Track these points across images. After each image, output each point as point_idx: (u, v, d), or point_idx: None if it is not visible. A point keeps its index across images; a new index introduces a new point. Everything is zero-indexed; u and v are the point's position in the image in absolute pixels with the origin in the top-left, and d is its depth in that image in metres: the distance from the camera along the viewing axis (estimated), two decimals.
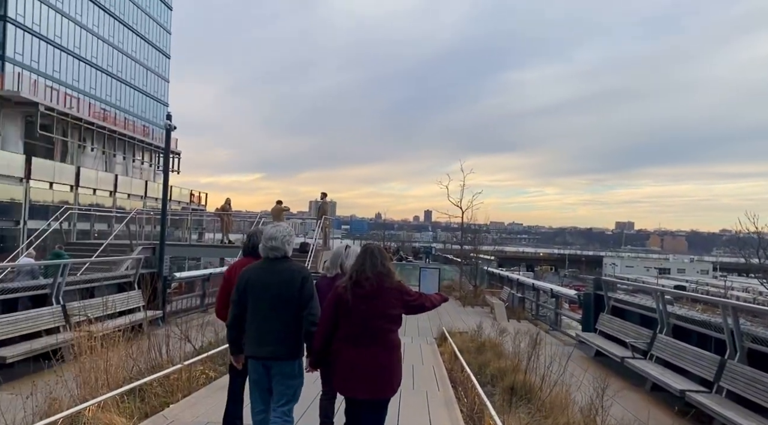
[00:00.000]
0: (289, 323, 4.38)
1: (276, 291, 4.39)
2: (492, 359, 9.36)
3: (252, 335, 4.43)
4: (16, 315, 8.16)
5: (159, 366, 7.10)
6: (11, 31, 48.72)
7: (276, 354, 4.37)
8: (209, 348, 9.04)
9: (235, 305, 4.49)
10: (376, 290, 4.28)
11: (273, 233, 4.52)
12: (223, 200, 23.48)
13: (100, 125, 55.51)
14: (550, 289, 16.26)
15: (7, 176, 42.39)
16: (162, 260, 12.97)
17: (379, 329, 4.26)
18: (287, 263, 4.53)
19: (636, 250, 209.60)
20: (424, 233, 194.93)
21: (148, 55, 70.74)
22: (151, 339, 7.15)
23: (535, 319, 17.43)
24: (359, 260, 4.45)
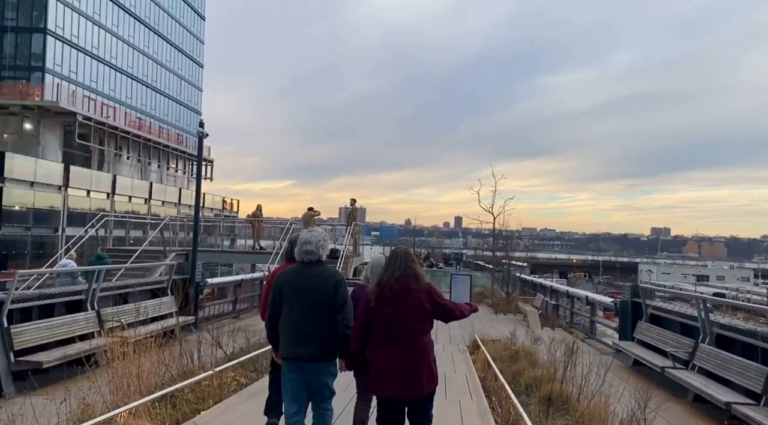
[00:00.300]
0: (323, 325, 4.48)
1: (310, 294, 4.51)
2: (526, 367, 9.13)
3: (287, 336, 4.54)
4: (53, 321, 8.28)
5: (190, 372, 7.09)
6: (51, 43, 50.15)
7: (311, 356, 4.49)
8: (240, 354, 9.02)
9: (270, 306, 4.64)
10: (401, 293, 4.34)
11: (308, 237, 4.66)
12: (254, 207, 23.63)
13: (135, 133, 56.71)
14: (585, 296, 15.88)
15: (47, 185, 43.53)
16: (194, 266, 13.07)
17: (407, 330, 4.31)
18: (321, 268, 4.65)
19: (672, 256, 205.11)
20: (454, 239, 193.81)
21: (181, 64, 72.10)
22: (182, 344, 7.15)
23: (569, 327, 17.06)
24: (386, 264, 4.55)
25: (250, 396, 6.94)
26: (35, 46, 50.46)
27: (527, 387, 8.35)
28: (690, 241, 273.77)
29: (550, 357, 9.65)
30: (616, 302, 13.55)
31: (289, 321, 4.53)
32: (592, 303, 15.29)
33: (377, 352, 4.36)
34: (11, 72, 49.71)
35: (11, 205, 40.86)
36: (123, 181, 51.99)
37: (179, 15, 70.68)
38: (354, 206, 22.55)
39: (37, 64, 50.07)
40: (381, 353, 4.33)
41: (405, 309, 4.32)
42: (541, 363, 9.74)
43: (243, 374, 8.13)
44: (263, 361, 9.10)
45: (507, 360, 10.61)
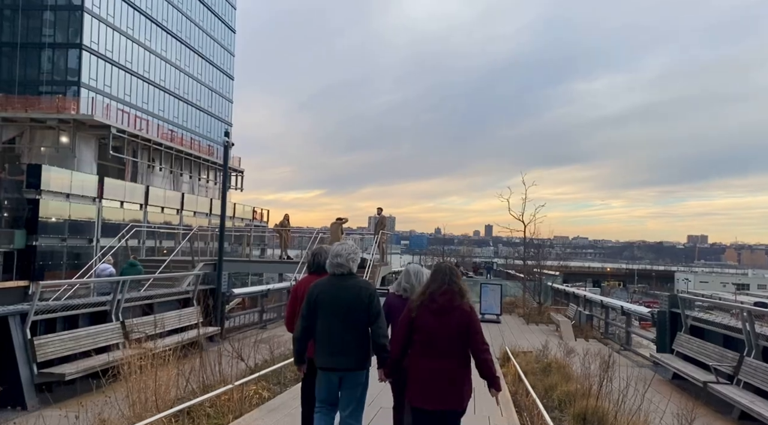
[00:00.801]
0: (357, 336, 4.62)
1: (345, 306, 4.61)
2: (559, 382, 8.75)
3: (323, 347, 4.65)
4: (77, 332, 8.22)
5: (211, 385, 6.93)
6: (86, 58, 51.38)
7: (347, 366, 4.62)
8: (264, 367, 8.85)
9: (304, 318, 4.70)
10: (445, 306, 4.41)
11: (338, 250, 4.77)
12: (282, 217, 23.60)
13: (167, 145, 57.63)
14: (620, 306, 15.32)
15: (82, 196, 44.46)
16: (220, 276, 13.00)
17: (449, 344, 4.38)
18: (354, 280, 4.75)
19: (710, 265, 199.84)
20: (484, 248, 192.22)
21: (212, 77, 73.19)
22: (203, 357, 6.99)
23: (604, 338, 16.51)
24: (433, 277, 4.60)
25: (271, 411, 6.74)
26: (71, 62, 51.76)
27: (560, 402, 7.98)
28: (729, 249, 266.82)
29: (584, 370, 9.26)
30: (653, 312, 13.02)
31: (323, 332, 4.63)
32: (628, 313, 14.74)
33: (418, 363, 4.42)
34: (48, 87, 51.04)
35: (48, 216, 41.82)
36: (155, 192, 52.81)
37: (210, 28, 71.85)
38: (381, 215, 22.33)
39: (73, 79, 51.33)
40: (422, 364, 4.39)
41: (447, 323, 4.38)
42: (575, 376, 9.35)
43: (266, 387, 7.95)
44: (287, 374, 8.92)
45: (539, 373, 10.24)
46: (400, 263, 63.73)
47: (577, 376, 9.16)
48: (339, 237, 20.46)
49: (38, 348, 7.48)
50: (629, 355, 13.79)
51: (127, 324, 9.38)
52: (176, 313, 11.07)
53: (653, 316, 12.78)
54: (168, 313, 10.78)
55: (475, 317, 4.51)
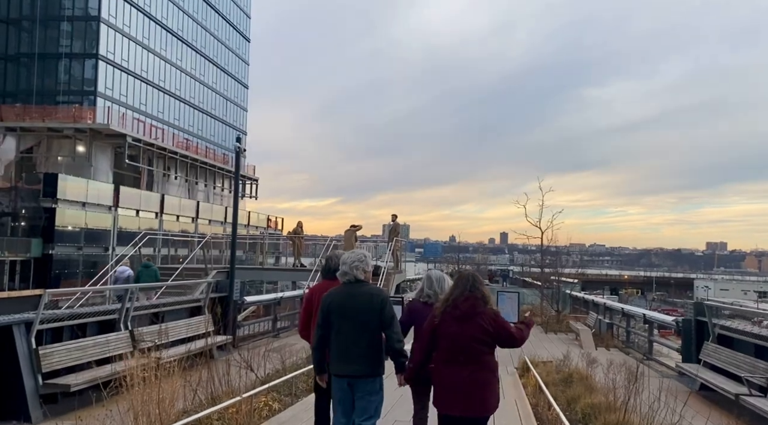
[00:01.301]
0: (370, 343, 4.66)
1: (357, 313, 4.67)
2: (582, 393, 8.36)
3: (337, 354, 4.71)
4: (83, 341, 8.01)
5: (219, 397, 6.67)
6: (102, 67, 51.82)
7: (360, 372, 4.66)
8: (275, 377, 8.58)
9: (319, 327, 4.77)
10: (468, 313, 4.44)
11: (344, 258, 4.88)
12: (295, 224, 23.40)
13: (183, 154, 57.88)
14: (642, 315, 14.85)
15: (98, 205, 44.70)
16: (232, 284, 12.77)
17: (474, 350, 4.40)
18: (365, 287, 4.80)
19: (730, 272, 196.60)
20: (500, 255, 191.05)
21: (227, 85, 73.55)
22: (212, 367, 6.74)
23: (625, 347, 16.04)
24: (456, 284, 4.63)
25: (281, 424, 6.47)
26: (88, 71, 52.25)
27: (584, 416, 7.60)
28: (748, 256, 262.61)
29: (607, 381, 8.89)
30: (678, 320, 12.57)
31: (337, 340, 4.69)
32: (651, 322, 14.27)
33: (443, 370, 4.44)
34: (65, 97, 51.54)
35: (64, 225, 42.08)
36: (171, 200, 52.98)
37: (225, 37, 72.27)
38: (395, 222, 22.05)
39: (89, 89, 51.78)
40: (447, 371, 4.41)
41: (471, 329, 4.40)
42: (598, 387, 8.96)
43: (277, 398, 7.67)
44: (300, 384, 8.65)
45: (560, 384, 9.86)
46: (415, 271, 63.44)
47: (600, 387, 8.77)
48: (353, 244, 20.21)
49: (43, 357, 7.28)
50: (652, 365, 13.32)
51: (136, 333, 9.17)
52: (186, 322, 10.84)
53: (678, 324, 12.33)
54: (178, 322, 10.56)
55: (500, 318, 4.55)
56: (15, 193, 41.91)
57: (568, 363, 11.18)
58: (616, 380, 7.54)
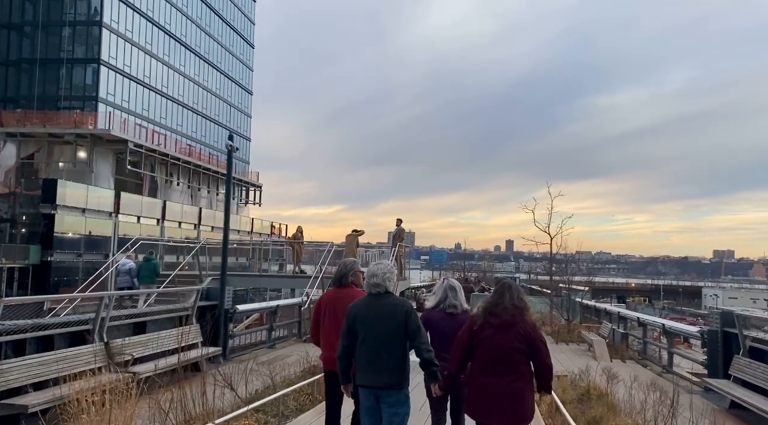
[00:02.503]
0: (397, 354, 4.64)
1: (382, 325, 4.67)
2: (604, 415, 7.49)
3: (363, 366, 4.70)
4: (48, 356, 7.20)
5: (194, 420, 5.85)
6: (104, 73, 51.36)
7: (387, 383, 4.64)
8: (264, 394, 7.76)
9: (344, 337, 4.76)
10: (508, 322, 4.41)
11: (374, 270, 4.85)
12: (295, 229, 22.61)
13: (185, 160, 57.27)
14: (662, 325, 13.93)
15: (98, 211, 44.04)
16: (223, 291, 11.96)
17: (513, 359, 4.37)
18: (390, 298, 4.80)
19: (737, 280, 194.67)
20: (506, 263, 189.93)
21: (231, 91, 73.08)
22: (190, 384, 5.92)
23: (642, 359, 15.11)
24: (496, 292, 4.63)
25: None
26: (89, 77, 51.78)
27: None
28: (756, 264, 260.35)
29: (631, 399, 8.03)
30: (702, 332, 11.67)
31: (363, 351, 4.68)
32: (671, 333, 13.35)
33: (481, 379, 4.41)
34: (66, 102, 51.07)
35: (64, 232, 41.39)
36: (172, 207, 52.29)
37: (229, 44, 71.87)
38: (399, 227, 21.20)
39: (90, 94, 51.30)
40: (486, 380, 4.38)
41: (511, 338, 4.37)
42: (621, 407, 8.09)
43: (263, 420, 6.85)
44: (290, 403, 7.82)
45: (577, 402, 9.01)
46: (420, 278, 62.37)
47: (624, 407, 7.91)
48: (354, 250, 19.43)
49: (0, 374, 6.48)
50: (674, 379, 12.39)
51: (113, 345, 8.36)
52: (171, 332, 10.03)
53: (703, 336, 11.43)
54: (162, 332, 9.75)
55: (538, 331, 4.51)
56: (14, 199, 41.33)
57: (584, 378, 10.32)
58: (645, 401, 6.67)
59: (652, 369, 13.64)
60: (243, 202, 70.81)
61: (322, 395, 8.39)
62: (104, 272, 17.44)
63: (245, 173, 71.34)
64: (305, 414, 7.41)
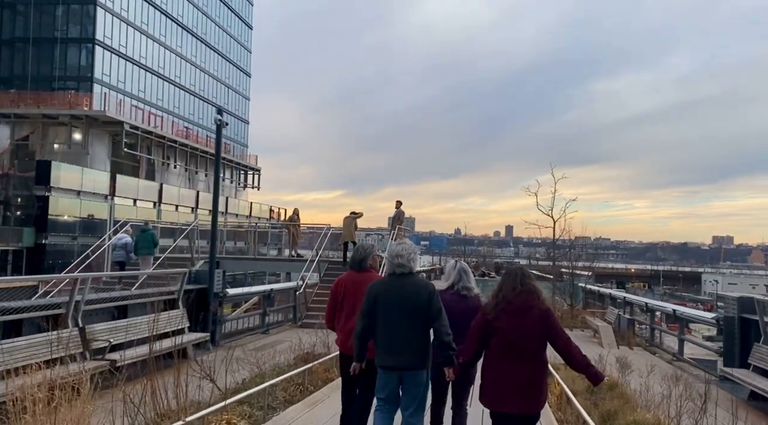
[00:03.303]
0: (419, 335, 4.62)
1: (405, 305, 4.62)
2: (620, 408, 6.90)
3: (384, 346, 4.66)
4: (14, 342, 6.59)
5: (166, 415, 5.24)
6: (99, 53, 50.37)
7: (409, 365, 4.63)
8: (250, 384, 7.16)
9: (364, 316, 4.73)
10: (522, 308, 4.36)
11: (399, 250, 4.79)
12: (291, 211, 21.97)
13: (182, 142, 56.45)
14: (672, 310, 13.34)
15: (93, 194, 43.40)
16: (212, 274, 11.35)
17: (527, 346, 4.30)
18: (413, 279, 4.76)
19: (736, 266, 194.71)
20: (505, 248, 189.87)
21: (229, 73, 72.02)
22: (154, 380, 5.31)
23: (649, 346, 14.55)
24: (505, 279, 4.54)
25: None
26: (84, 57, 50.82)
27: None
28: (755, 250, 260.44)
29: (645, 389, 7.45)
30: (718, 318, 11.08)
31: (384, 331, 4.64)
32: (682, 319, 12.77)
33: (496, 366, 4.37)
34: (61, 82, 50.16)
35: (58, 214, 40.77)
36: (170, 190, 51.60)
37: (226, 24, 70.69)
38: (399, 210, 20.54)
39: (85, 75, 50.36)
40: (500, 367, 4.34)
41: (526, 325, 4.31)
42: (635, 399, 7.51)
43: (247, 413, 6.26)
44: (279, 393, 7.23)
45: (586, 393, 8.43)
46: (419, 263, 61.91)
47: (639, 399, 7.32)
48: (352, 233, 18.81)
49: None
50: (685, 367, 11.85)
51: (89, 330, 7.76)
52: (162, 316, 9.41)
53: (718, 322, 10.85)
54: (145, 317, 9.14)
55: (553, 316, 4.43)
56: (7, 180, 40.64)
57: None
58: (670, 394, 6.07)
59: (662, 357, 13.10)
60: (241, 186, 70.10)
61: (313, 385, 7.83)
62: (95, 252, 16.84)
63: (244, 157, 70.56)
64: (294, 406, 6.83)
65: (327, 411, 6.71)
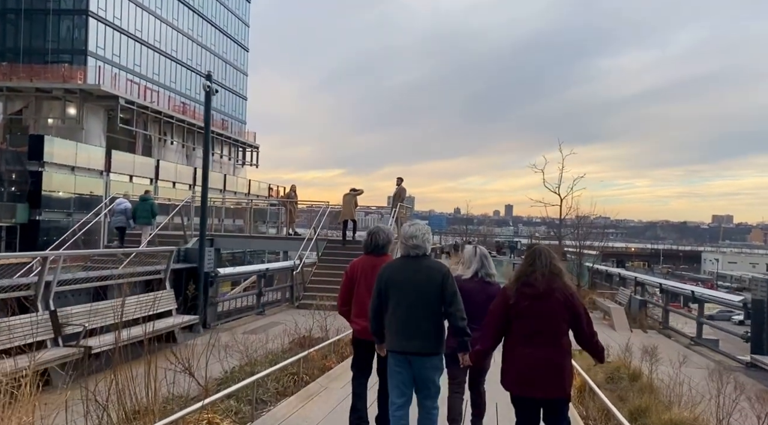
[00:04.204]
0: (432, 318, 4.47)
1: (418, 288, 4.46)
2: (651, 404, 6.19)
3: (396, 330, 4.51)
4: None
5: (138, 415, 4.54)
6: (93, 25, 49.11)
7: (423, 349, 4.46)
8: (232, 379, 6.45)
9: (375, 298, 4.59)
10: (546, 290, 4.14)
11: (412, 231, 4.61)
12: (288, 188, 21.16)
13: (179, 118, 55.43)
14: (691, 292, 12.59)
15: (88, 169, 42.56)
16: (203, 252, 10.60)
17: (551, 329, 4.12)
18: (427, 261, 4.59)
19: (736, 245, 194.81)
20: (504, 227, 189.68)
21: (226, 48, 70.61)
22: (128, 372, 4.61)
23: (663, 329, 13.87)
24: (528, 260, 4.33)
25: None
26: (78, 29, 49.54)
27: None
28: (755, 229, 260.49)
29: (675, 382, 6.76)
30: (746, 301, 10.37)
31: (396, 314, 4.49)
32: (701, 301, 12.04)
33: (518, 351, 4.19)
34: (54, 56, 48.98)
35: (52, 190, 39.99)
36: (166, 166, 50.73)
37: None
38: (400, 186, 19.69)
39: (79, 48, 49.15)
40: (523, 351, 4.15)
41: (549, 307, 4.13)
42: (664, 392, 6.82)
43: (233, 409, 5.55)
44: (270, 385, 6.52)
45: (605, 383, 7.78)
46: None
47: (671, 394, 6.62)
48: (352, 210, 18.05)
49: None
50: (705, 352, 11.18)
51: (61, 314, 7.03)
52: (139, 298, 8.71)
53: (746, 306, 10.14)
54: (132, 298, 8.41)
55: (578, 298, 4.26)
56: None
57: (612, 354, 9.06)
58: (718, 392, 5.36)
59: (678, 340, 12.42)
60: (240, 163, 69.16)
61: (309, 375, 7.13)
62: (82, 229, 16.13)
63: (242, 133, 69.51)
64: (287, 400, 6.12)
65: (323, 406, 6.03)
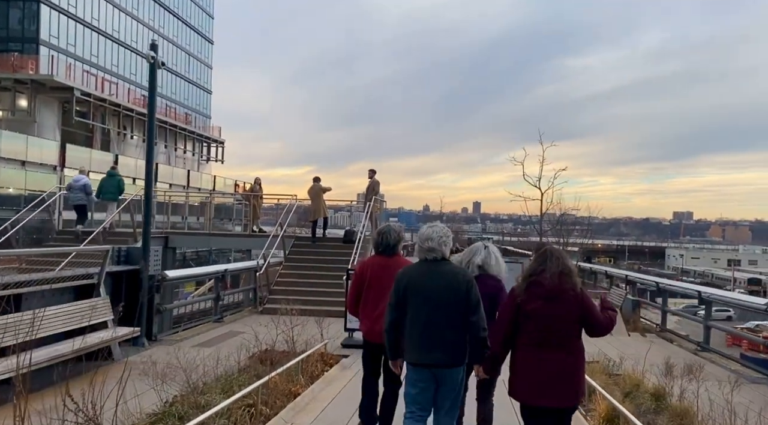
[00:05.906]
0: (457, 328, 4.26)
1: (441, 296, 4.24)
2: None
3: (417, 341, 4.27)
4: None
5: None
6: (45, 12, 46.54)
7: (446, 361, 4.24)
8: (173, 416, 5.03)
9: (393, 309, 4.35)
10: (556, 291, 3.98)
11: (429, 233, 4.40)
12: (252, 181, 19.64)
13: (139, 111, 53.04)
14: (697, 292, 11.47)
15: (40, 164, 40.19)
16: (147, 252, 9.07)
17: (562, 332, 3.97)
18: (448, 266, 4.41)
19: (695, 241, 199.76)
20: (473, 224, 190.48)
21: (189, 39, 68.24)
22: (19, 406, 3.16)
23: (661, 332, 12.82)
24: (538, 260, 4.16)
25: None
26: (28, 16, 46.88)
27: None
28: (713, 225, 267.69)
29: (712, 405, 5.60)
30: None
31: (417, 324, 4.25)
32: (709, 301, 10.96)
33: (529, 355, 3.99)
34: (2, 44, 46.22)
35: (0, 186, 37.59)
36: (126, 162, 48.32)
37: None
38: (374, 179, 18.35)
39: (30, 36, 46.49)
40: (534, 356, 3.97)
41: (561, 309, 3.94)
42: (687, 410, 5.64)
43: None
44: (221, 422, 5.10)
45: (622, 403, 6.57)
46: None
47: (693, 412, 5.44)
48: (320, 205, 16.68)
49: None
50: (715, 359, 10.09)
51: None
52: (63, 308, 7.18)
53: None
54: (48, 309, 6.87)
55: (590, 299, 4.08)
56: None
57: (623, 366, 7.92)
58: None
59: (682, 346, 11.34)
60: (204, 159, 66.95)
61: (270, 406, 5.72)
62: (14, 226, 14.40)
63: (206, 128, 67.34)
64: None
65: None
